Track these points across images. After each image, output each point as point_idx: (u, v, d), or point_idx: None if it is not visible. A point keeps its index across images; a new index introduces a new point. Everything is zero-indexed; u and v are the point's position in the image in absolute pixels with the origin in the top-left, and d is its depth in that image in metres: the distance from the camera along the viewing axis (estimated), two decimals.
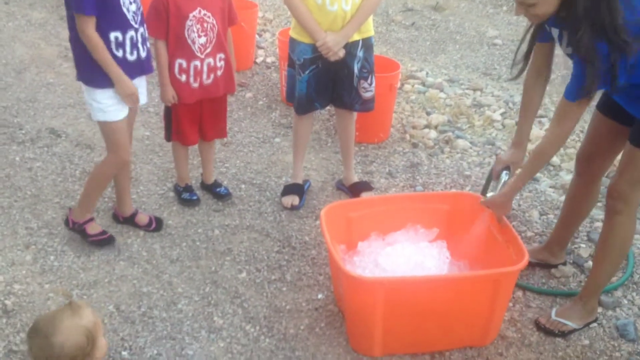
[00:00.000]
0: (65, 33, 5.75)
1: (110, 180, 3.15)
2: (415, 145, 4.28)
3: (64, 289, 2.80)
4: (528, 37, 2.55)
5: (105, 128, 2.95)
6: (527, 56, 2.58)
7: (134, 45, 2.87)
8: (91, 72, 2.82)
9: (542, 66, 2.59)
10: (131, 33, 2.84)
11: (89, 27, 2.71)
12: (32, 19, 6.24)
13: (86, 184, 3.15)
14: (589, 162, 2.82)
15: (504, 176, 2.74)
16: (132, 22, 2.83)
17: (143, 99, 3.08)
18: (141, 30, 2.91)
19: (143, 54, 2.94)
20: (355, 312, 2.53)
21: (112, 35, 2.79)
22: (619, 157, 2.71)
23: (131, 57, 2.87)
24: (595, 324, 2.78)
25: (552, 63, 2.63)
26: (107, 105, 2.86)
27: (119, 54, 2.83)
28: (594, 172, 2.87)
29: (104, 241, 3.14)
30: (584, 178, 2.88)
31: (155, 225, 3.31)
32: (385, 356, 2.58)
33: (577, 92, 2.30)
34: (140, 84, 3.02)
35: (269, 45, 5.96)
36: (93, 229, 3.15)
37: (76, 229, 3.16)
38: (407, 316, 2.47)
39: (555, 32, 2.44)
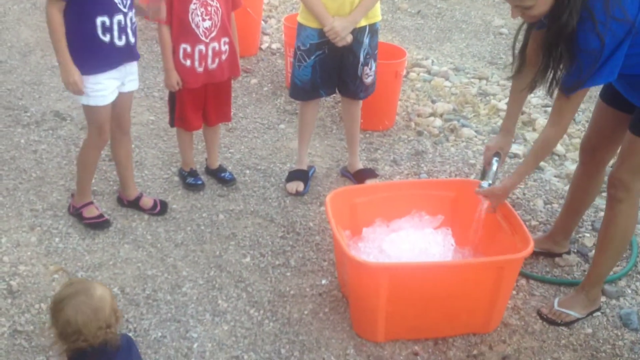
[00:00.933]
0: None
1: (95, 162, 3.15)
2: (420, 134, 4.27)
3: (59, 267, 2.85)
4: (521, 35, 2.55)
5: (88, 111, 2.95)
6: (523, 52, 2.56)
7: (122, 30, 2.83)
8: (75, 58, 2.78)
9: (535, 53, 2.58)
10: (119, 17, 2.80)
11: (53, 8, 2.69)
12: (37, 2, 6.21)
13: (77, 170, 3.17)
14: (593, 152, 2.82)
15: (495, 162, 2.72)
16: (120, 6, 2.79)
17: (135, 85, 3.07)
18: (130, 14, 2.86)
19: (132, 39, 2.90)
20: (360, 297, 2.53)
21: (99, 19, 2.75)
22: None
23: (119, 42, 2.84)
24: (598, 313, 2.79)
25: None
26: (92, 91, 2.85)
27: (106, 39, 2.79)
28: (598, 161, 2.86)
29: (99, 224, 3.15)
30: (588, 167, 2.88)
31: (160, 208, 3.31)
32: (389, 341, 2.59)
33: (571, 87, 2.33)
34: (132, 70, 3.00)
35: (274, 31, 5.94)
36: (90, 212, 3.16)
37: (73, 213, 3.19)
38: (411, 302, 2.48)
39: None
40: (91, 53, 2.80)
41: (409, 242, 2.71)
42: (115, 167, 3.35)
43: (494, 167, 2.72)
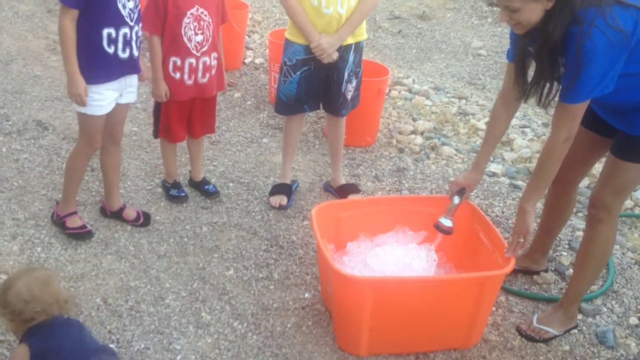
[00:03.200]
0: (52, 26, 5.76)
1: (83, 170, 3.16)
2: (401, 151, 4.33)
3: None
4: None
5: (83, 119, 2.97)
6: (520, 75, 2.58)
7: (127, 43, 2.87)
8: (79, 67, 2.80)
9: (511, 90, 2.62)
10: (125, 30, 2.84)
11: (66, 18, 2.73)
12: (19, 11, 6.18)
13: (64, 177, 3.17)
14: (567, 171, 2.81)
15: (456, 199, 2.76)
16: (128, 20, 2.83)
17: (133, 97, 3.10)
18: (136, 28, 2.90)
19: (136, 53, 2.94)
20: (344, 310, 2.56)
21: (105, 31, 2.79)
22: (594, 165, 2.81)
23: (123, 55, 2.88)
24: (575, 331, 2.84)
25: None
26: (91, 99, 2.87)
27: (111, 50, 2.83)
28: (570, 180, 2.92)
29: (81, 235, 3.14)
30: (560, 186, 2.93)
31: (143, 220, 3.31)
32: (371, 355, 2.61)
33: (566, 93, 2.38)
34: (131, 83, 3.03)
35: (257, 46, 5.99)
36: (73, 222, 3.15)
37: (57, 221, 3.18)
38: (394, 316, 2.51)
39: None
40: (94, 63, 2.82)
41: (393, 257, 2.74)
42: (98, 177, 3.34)
43: (455, 202, 2.76)
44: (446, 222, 2.75)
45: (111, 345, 2.54)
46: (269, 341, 2.66)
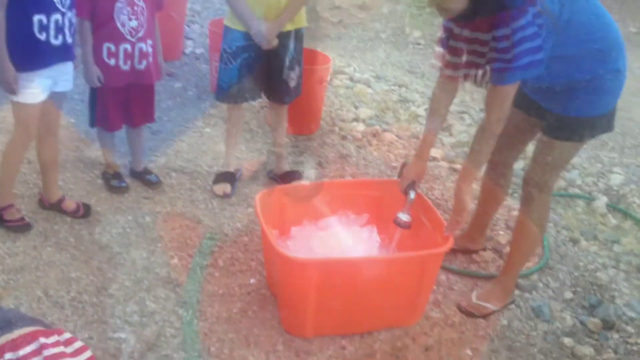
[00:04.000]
0: None
1: (20, 161, 3.10)
2: (344, 138, 4.38)
3: None
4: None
5: (17, 108, 2.91)
6: (454, 61, 2.65)
7: (59, 30, 2.82)
8: (10, 54, 2.73)
9: (447, 76, 2.69)
10: (56, 16, 2.78)
11: None
12: None
13: (0, 169, 3.09)
14: (501, 152, 2.89)
15: (411, 193, 2.79)
16: (59, 5, 2.78)
17: (68, 85, 3.04)
18: (69, 14, 2.85)
19: (69, 39, 2.89)
20: (289, 293, 2.58)
21: (36, 17, 2.73)
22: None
23: (55, 42, 2.82)
24: (513, 306, 2.95)
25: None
26: (23, 87, 2.80)
27: (42, 37, 2.77)
28: (504, 161, 3.01)
29: (20, 227, 3.07)
30: (495, 168, 3.02)
31: (83, 211, 3.25)
32: (317, 337, 2.64)
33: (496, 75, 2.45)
34: (66, 70, 2.97)
35: (197, 36, 5.93)
36: (10, 214, 3.08)
37: None
38: (339, 297, 2.54)
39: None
40: (26, 50, 2.76)
41: (337, 240, 2.78)
42: (35, 169, 3.26)
43: (411, 196, 2.78)
44: (404, 217, 2.77)
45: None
46: (215, 327, 2.66)
